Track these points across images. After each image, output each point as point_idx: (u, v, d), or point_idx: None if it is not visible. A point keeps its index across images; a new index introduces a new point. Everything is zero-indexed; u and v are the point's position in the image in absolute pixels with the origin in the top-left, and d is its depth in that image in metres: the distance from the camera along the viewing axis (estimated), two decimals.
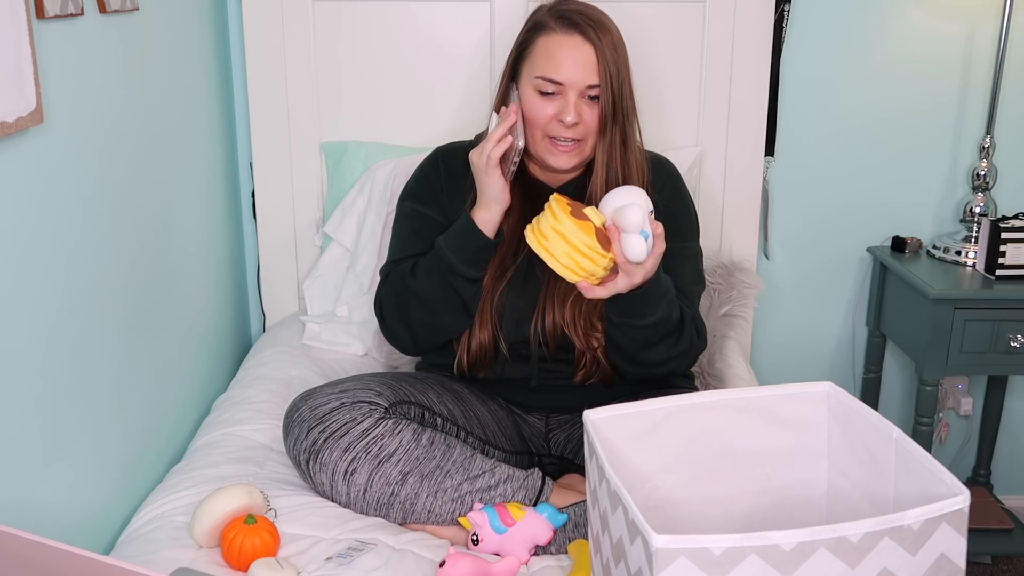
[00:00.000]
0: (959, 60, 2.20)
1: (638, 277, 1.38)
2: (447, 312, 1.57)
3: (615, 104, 1.52)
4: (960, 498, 0.96)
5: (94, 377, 1.41)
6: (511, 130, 1.50)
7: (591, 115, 1.52)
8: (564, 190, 1.62)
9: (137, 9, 1.56)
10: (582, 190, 1.61)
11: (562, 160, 1.54)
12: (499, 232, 1.55)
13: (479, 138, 1.65)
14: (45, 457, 1.27)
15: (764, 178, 2.16)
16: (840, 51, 2.20)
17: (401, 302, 1.59)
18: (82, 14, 1.35)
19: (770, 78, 2.09)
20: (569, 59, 1.49)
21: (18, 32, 1.14)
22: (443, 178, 1.65)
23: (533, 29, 1.55)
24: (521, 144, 1.52)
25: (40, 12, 1.22)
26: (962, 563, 0.97)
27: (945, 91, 2.22)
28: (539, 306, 1.59)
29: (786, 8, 2.13)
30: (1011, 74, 2.17)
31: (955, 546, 0.96)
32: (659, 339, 1.51)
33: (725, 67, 2.07)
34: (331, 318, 2.00)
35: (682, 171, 2.03)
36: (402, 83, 2.08)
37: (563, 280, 1.43)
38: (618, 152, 1.55)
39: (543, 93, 1.51)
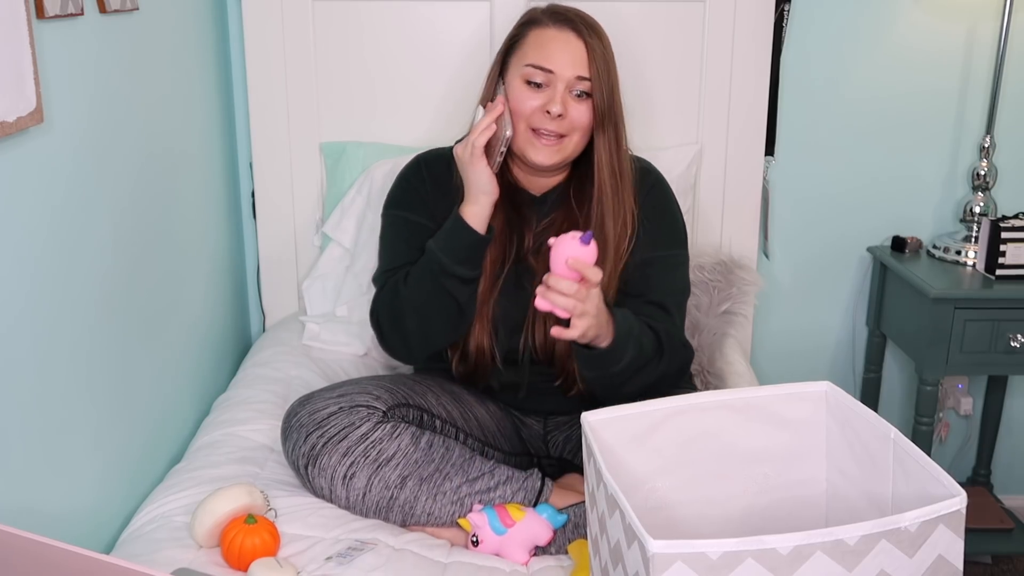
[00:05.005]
0: (959, 60, 2.20)
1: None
2: (441, 318, 1.55)
3: (607, 102, 1.53)
4: (957, 499, 0.96)
5: (94, 377, 1.41)
6: (498, 120, 1.51)
7: (576, 111, 1.52)
8: (546, 198, 1.62)
9: (137, 9, 1.56)
10: (564, 197, 1.61)
11: (543, 154, 1.53)
12: (490, 228, 1.54)
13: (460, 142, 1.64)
14: (45, 457, 1.27)
15: (764, 178, 2.16)
16: (840, 50, 2.20)
17: (395, 312, 1.57)
18: (82, 14, 1.35)
19: (770, 78, 2.09)
20: (561, 50, 1.51)
21: (18, 32, 1.14)
22: (428, 184, 1.64)
23: (526, 24, 1.58)
24: (509, 133, 1.52)
25: (40, 12, 1.22)
26: (959, 564, 0.97)
27: (945, 91, 2.22)
28: (530, 319, 1.58)
29: (786, 8, 2.13)
30: (1011, 73, 2.16)
31: (952, 547, 0.96)
32: (635, 373, 1.49)
33: (725, 67, 2.07)
34: (331, 318, 2.00)
35: (681, 169, 2.05)
36: (402, 83, 2.08)
37: None
38: (614, 152, 1.56)
39: (531, 83, 1.52)
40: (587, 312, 1.35)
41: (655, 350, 1.50)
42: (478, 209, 1.52)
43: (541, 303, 1.36)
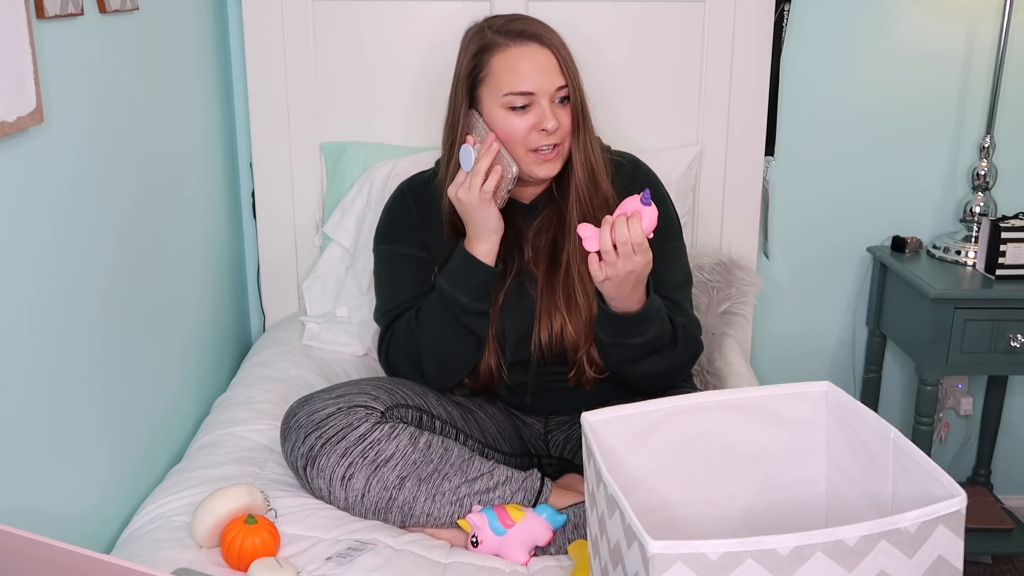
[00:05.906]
0: (959, 60, 2.20)
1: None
2: (462, 354, 1.58)
3: (580, 98, 1.54)
4: (957, 500, 0.95)
5: (94, 377, 1.41)
6: (497, 161, 1.50)
7: (564, 117, 1.53)
8: (536, 203, 1.62)
9: (137, 9, 1.56)
10: (551, 196, 1.61)
11: (547, 168, 1.54)
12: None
13: (439, 163, 1.63)
14: (45, 457, 1.27)
15: (764, 178, 2.16)
16: (840, 51, 2.20)
17: (412, 355, 1.58)
18: (82, 14, 1.35)
19: (770, 78, 2.09)
20: (533, 68, 1.49)
21: (18, 32, 1.14)
22: (415, 214, 1.63)
23: (480, 52, 1.52)
24: (515, 170, 1.51)
25: (40, 12, 1.22)
26: (959, 564, 0.97)
27: (945, 91, 2.22)
28: (537, 322, 1.59)
29: (786, 8, 2.13)
30: (1011, 73, 2.16)
31: (952, 548, 0.96)
32: (651, 353, 1.52)
33: (725, 67, 2.07)
34: (331, 318, 2.00)
35: (681, 171, 2.05)
36: (402, 83, 2.08)
37: (556, 289, 1.55)
38: (587, 142, 1.56)
39: (514, 109, 1.50)
40: (615, 265, 1.39)
41: (671, 338, 1.54)
42: (489, 247, 1.53)
43: (584, 229, 1.41)
